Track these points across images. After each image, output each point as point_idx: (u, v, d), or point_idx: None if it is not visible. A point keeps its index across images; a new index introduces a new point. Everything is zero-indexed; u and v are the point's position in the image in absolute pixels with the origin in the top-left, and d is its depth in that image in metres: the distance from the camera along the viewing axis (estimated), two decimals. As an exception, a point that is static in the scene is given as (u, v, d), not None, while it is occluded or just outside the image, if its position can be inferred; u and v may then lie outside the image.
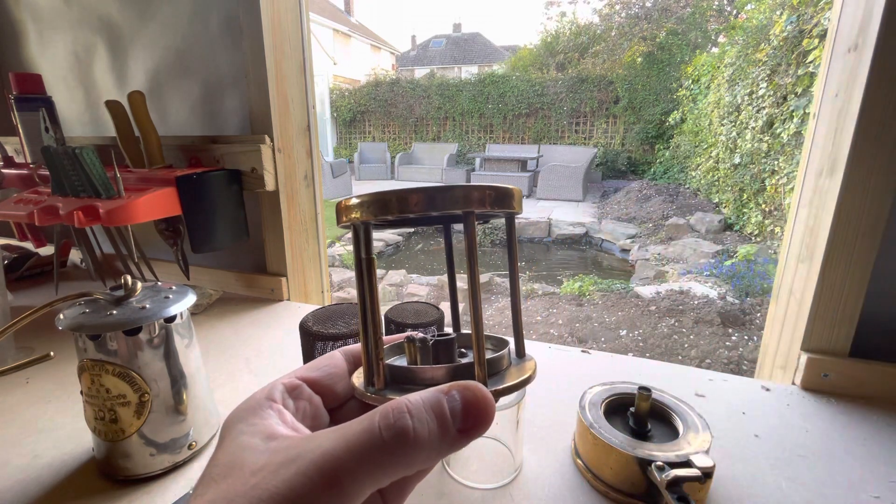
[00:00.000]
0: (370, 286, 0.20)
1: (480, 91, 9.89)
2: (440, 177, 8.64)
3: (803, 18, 3.50)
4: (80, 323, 0.39)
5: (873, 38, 0.48)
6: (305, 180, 0.88)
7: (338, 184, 7.36)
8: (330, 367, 0.22)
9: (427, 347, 0.20)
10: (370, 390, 0.20)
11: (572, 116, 9.38)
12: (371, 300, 0.20)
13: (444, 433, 0.16)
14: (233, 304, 0.86)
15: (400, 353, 0.24)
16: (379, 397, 0.19)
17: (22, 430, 0.50)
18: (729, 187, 4.79)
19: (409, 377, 0.20)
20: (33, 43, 1.04)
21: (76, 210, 0.65)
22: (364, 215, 0.19)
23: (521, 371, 0.21)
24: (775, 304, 0.67)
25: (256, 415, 0.18)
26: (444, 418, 0.16)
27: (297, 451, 0.16)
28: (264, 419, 0.18)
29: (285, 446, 0.16)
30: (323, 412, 0.22)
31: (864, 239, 0.53)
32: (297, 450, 0.16)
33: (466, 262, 0.19)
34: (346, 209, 0.19)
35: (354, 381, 0.21)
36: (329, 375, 0.22)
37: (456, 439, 0.16)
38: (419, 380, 0.19)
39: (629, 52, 9.41)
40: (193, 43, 0.84)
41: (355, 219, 0.19)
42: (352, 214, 0.19)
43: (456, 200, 0.18)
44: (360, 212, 0.19)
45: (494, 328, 2.97)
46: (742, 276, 3.23)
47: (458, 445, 0.16)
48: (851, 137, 0.51)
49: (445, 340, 0.21)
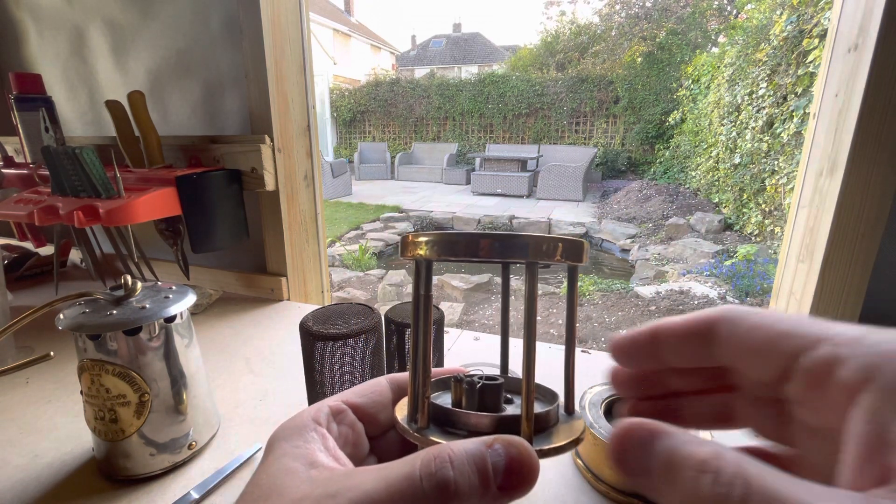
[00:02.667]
0: (425, 323, 0.20)
1: (480, 91, 9.89)
2: (440, 177, 8.64)
3: (803, 18, 3.50)
4: (80, 323, 0.39)
5: (873, 38, 0.48)
6: (305, 180, 0.88)
7: (338, 184, 7.36)
8: (375, 395, 0.22)
9: (474, 390, 0.20)
10: (413, 427, 0.19)
11: (572, 116, 9.38)
12: (424, 337, 0.20)
13: (485, 490, 0.15)
14: (233, 304, 0.86)
15: (444, 388, 0.24)
16: (421, 437, 0.19)
17: (22, 430, 0.50)
18: (729, 187, 4.79)
19: (452, 420, 0.19)
20: (33, 43, 1.04)
21: (76, 210, 0.65)
22: (429, 254, 0.19)
23: (570, 431, 0.20)
24: (775, 304, 0.67)
25: (301, 436, 0.19)
26: (485, 474, 0.15)
27: (337, 486, 0.16)
28: (308, 442, 0.18)
29: (325, 478, 0.16)
30: (364, 440, 0.22)
31: (864, 239, 0.53)
32: (337, 485, 0.16)
33: (525, 310, 0.18)
34: (412, 245, 0.19)
35: (397, 413, 0.21)
36: (373, 403, 0.22)
37: (496, 497, 0.16)
38: (463, 425, 0.19)
39: (629, 51, 9.42)
40: (194, 43, 0.84)
41: (420, 255, 0.19)
42: (417, 251, 0.19)
43: (524, 252, 0.18)
44: (426, 250, 0.19)
45: (494, 328, 2.97)
46: (742, 276, 3.23)
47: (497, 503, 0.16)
48: (851, 137, 0.51)
49: (493, 386, 0.20)
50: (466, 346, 0.69)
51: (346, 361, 0.43)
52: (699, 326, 0.18)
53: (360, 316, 0.45)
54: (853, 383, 0.13)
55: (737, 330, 0.17)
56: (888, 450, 0.12)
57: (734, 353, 0.17)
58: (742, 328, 0.17)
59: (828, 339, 0.15)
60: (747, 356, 0.17)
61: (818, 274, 0.55)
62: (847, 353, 0.14)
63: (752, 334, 0.17)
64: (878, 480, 0.12)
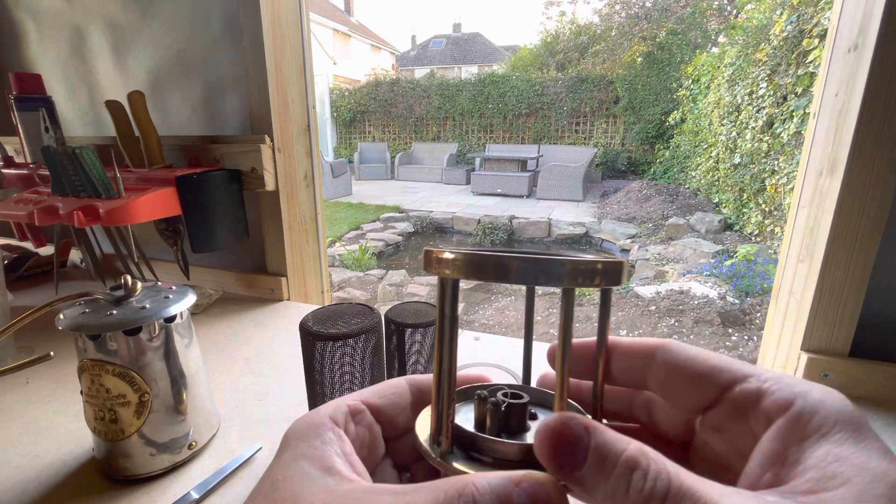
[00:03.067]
0: (451, 343, 0.19)
1: (480, 91, 9.90)
2: (440, 177, 8.64)
3: (803, 18, 3.50)
4: (80, 323, 0.39)
5: (873, 38, 0.48)
6: (305, 180, 0.88)
7: (338, 184, 7.36)
8: (394, 397, 0.22)
9: (499, 411, 0.19)
10: (435, 451, 0.19)
11: (572, 116, 9.38)
12: (450, 359, 0.19)
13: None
14: (233, 304, 0.86)
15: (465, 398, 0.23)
16: (445, 465, 0.18)
17: (22, 430, 0.50)
18: (729, 187, 4.79)
19: (477, 444, 0.19)
20: (33, 43, 1.04)
21: (76, 210, 0.65)
22: (455, 273, 0.17)
23: None
24: (775, 304, 0.67)
25: (318, 436, 0.18)
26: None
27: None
28: (325, 444, 0.18)
29: (342, 493, 0.16)
30: (380, 443, 0.21)
31: (864, 239, 0.53)
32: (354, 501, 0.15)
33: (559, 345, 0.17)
34: (438, 262, 0.18)
35: (418, 432, 0.20)
36: (392, 405, 0.22)
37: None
38: (488, 451, 0.18)
39: (629, 51, 9.42)
40: (194, 43, 0.84)
41: (446, 275, 0.18)
42: (444, 270, 0.18)
43: (559, 277, 0.16)
44: (452, 269, 0.17)
45: (493, 328, 2.97)
46: (742, 276, 3.23)
47: None
48: (851, 137, 0.51)
49: (519, 406, 0.20)
50: (467, 346, 0.69)
51: (346, 361, 0.43)
52: (644, 349, 0.21)
53: (360, 316, 0.45)
54: (773, 412, 0.16)
55: (675, 359, 0.20)
56: (783, 465, 0.15)
57: (668, 378, 0.20)
58: (680, 358, 0.19)
59: (755, 376, 0.17)
60: (681, 383, 0.19)
61: (818, 274, 0.55)
62: (770, 387, 0.17)
63: (690, 364, 0.19)
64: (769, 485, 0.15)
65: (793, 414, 0.16)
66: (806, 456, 0.15)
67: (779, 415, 0.16)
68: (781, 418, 0.16)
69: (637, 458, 0.14)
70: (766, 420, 0.16)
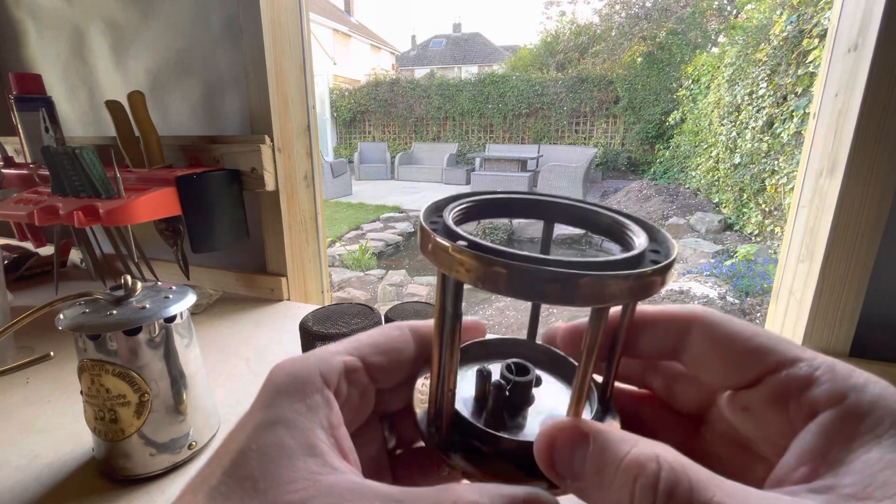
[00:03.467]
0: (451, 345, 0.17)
1: (480, 91, 9.91)
2: (440, 177, 8.65)
3: (803, 18, 3.50)
4: (80, 323, 0.39)
5: (873, 38, 0.48)
6: (305, 180, 0.88)
7: (338, 184, 7.36)
8: (396, 353, 0.20)
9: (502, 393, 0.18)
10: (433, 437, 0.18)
11: (572, 116, 9.39)
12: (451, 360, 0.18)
13: None
14: (233, 304, 0.86)
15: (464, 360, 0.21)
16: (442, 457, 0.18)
17: (22, 430, 0.50)
18: (729, 187, 4.79)
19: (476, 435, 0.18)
20: (33, 43, 1.04)
21: (76, 210, 0.65)
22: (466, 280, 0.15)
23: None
24: (775, 304, 0.67)
25: (303, 398, 0.16)
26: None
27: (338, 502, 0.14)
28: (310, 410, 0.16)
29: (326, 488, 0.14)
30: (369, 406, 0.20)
31: (864, 239, 0.53)
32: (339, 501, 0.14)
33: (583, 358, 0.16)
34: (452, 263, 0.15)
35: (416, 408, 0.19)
36: (392, 364, 0.20)
37: None
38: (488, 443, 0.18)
39: (629, 51, 9.43)
40: (194, 43, 0.84)
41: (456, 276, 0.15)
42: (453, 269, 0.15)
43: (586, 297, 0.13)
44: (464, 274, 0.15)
45: (494, 328, 2.97)
46: (742, 276, 3.23)
47: None
48: (851, 137, 0.51)
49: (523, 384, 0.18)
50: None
51: (346, 361, 0.43)
52: (678, 320, 0.19)
53: (360, 316, 0.45)
54: (820, 403, 0.15)
55: (716, 333, 0.18)
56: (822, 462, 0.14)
57: (705, 355, 0.18)
58: (722, 332, 0.18)
59: (806, 362, 0.16)
60: (720, 360, 0.18)
61: (818, 274, 0.55)
62: (822, 376, 0.15)
63: (733, 341, 0.17)
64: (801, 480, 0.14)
65: (844, 410, 0.14)
66: (853, 457, 0.13)
67: (827, 407, 0.14)
68: (830, 412, 0.14)
69: (642, 463, 0.13)
70: (810, 410, 0.15)
